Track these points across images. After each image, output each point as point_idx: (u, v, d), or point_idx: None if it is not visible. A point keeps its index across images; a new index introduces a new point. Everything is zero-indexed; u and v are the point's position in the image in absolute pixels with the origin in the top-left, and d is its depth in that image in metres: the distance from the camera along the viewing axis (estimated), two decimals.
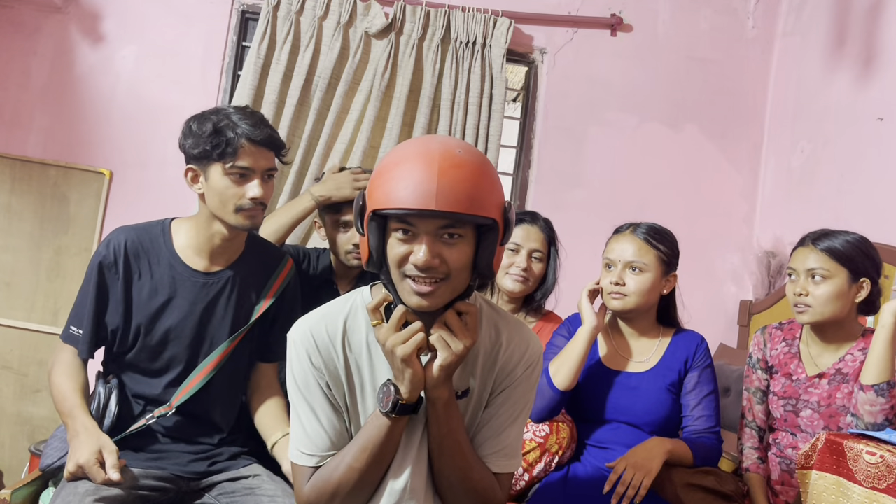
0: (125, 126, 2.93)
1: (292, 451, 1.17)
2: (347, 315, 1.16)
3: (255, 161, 1.49)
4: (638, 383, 1.69)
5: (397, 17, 2.92)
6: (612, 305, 1.71)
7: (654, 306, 1.75)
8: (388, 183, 1.03)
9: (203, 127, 1.48)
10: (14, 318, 2.87)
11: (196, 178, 1.53)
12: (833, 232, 1.69)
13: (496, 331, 1.20)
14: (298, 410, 1.16)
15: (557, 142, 3.14)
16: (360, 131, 2.88)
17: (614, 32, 3.16)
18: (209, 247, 1.56)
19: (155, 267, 1.53)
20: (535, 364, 1.21)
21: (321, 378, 1.14)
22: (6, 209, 2.89)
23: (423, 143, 1.07)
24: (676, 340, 1.75)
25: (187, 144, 1.51)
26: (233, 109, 1.52)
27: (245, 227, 1.52)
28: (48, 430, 2.83)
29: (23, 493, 1.56)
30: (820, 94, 2.88)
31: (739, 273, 3.18)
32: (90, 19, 2.93)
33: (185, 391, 1.53)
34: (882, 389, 1.51)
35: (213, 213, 1.52)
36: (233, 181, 1.48)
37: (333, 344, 1.14)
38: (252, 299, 1.60)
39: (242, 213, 1.50)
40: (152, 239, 1.56)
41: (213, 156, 1.47)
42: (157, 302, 1.53)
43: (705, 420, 1.67)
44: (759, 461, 1.78)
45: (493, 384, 1.20)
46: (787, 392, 1.76)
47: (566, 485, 1.59)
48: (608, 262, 1.73)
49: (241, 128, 1.47)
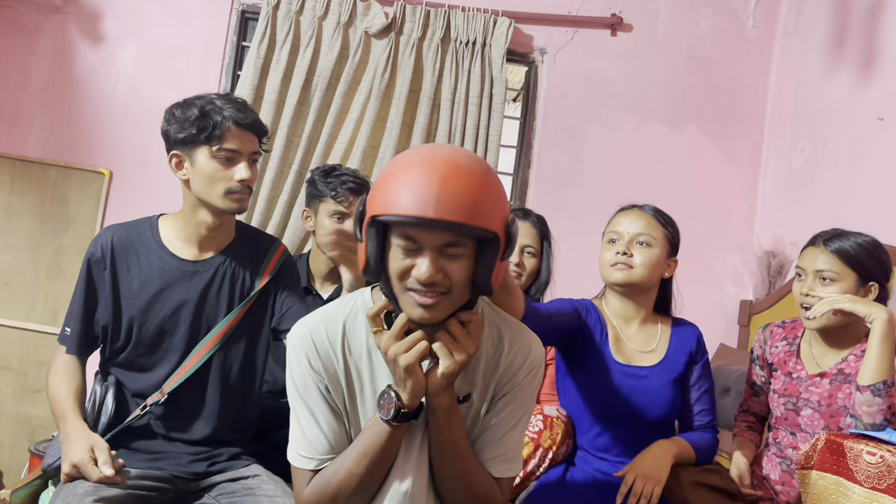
0: (125, 126, 2.93)
1: (291, 454, 1.16)
2: (347, 317, 1.15)
3: (241, 144, 1.49)
4: (649, 379, 1.65)
5: (397, 17, 2.92)
6: (614, 277, 1.64)
7: (654, 288, 1.71)
8: (389, 189, 1.01)
9: (188, 112, 1.47)
10: (14, 318, 2.87)
11: (181, 163, 1.52)
12: (845, 233, 1.67)
13: (498, 334, 1.19)
14: (298, 413, 1.15)
15: (557, 142, 3.14)
16: (360, 131, 2.88)
17: (614, 32, 3.16)
18: (197, 236, 1.55)
19: (143, 259, 1.52)
20: (538, 369, 1.20)
21: (320, 381, 1.13)
22: (6, 209, 2.89)
23: (428, 150, 1.05)
24: (677, 332, 1.72)
25: (171, 130, 1.50)
26: (215, 95, 1.52)
27: (233, 210, 1.52)
28: (48, 430, 2.83)
29: (23, 493, 1.56)
30: (820, 94, 2.88)
31: (739, 273, 3.18)
32: (90, 19, 2.94)
33: (177, 376, 1.50)
34: (878, 390, 1.51)
35: (200, 199, 1.51)
36: (220, 164, 1.48)
37: (333, 347, 1.13)
38: (247, 281, 1.58)
39: (230, 195, 1.49)
40: (140, 233, 1.55)
41: (200, 139, 1.47)
42: (148, 293, 1.51)
43: (705, 414, 1.67)
44: (748, 429, 1.88)
45: (495, 389, 1.19)
46: (787, 390, 1.76)
47: (563, 488, 1.59)
48: (614, 235, 1.66)
49: (226, 111, 1.47)
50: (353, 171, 2.09)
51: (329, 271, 2.13)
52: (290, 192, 2.83)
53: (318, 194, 2.06)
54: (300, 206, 2.83)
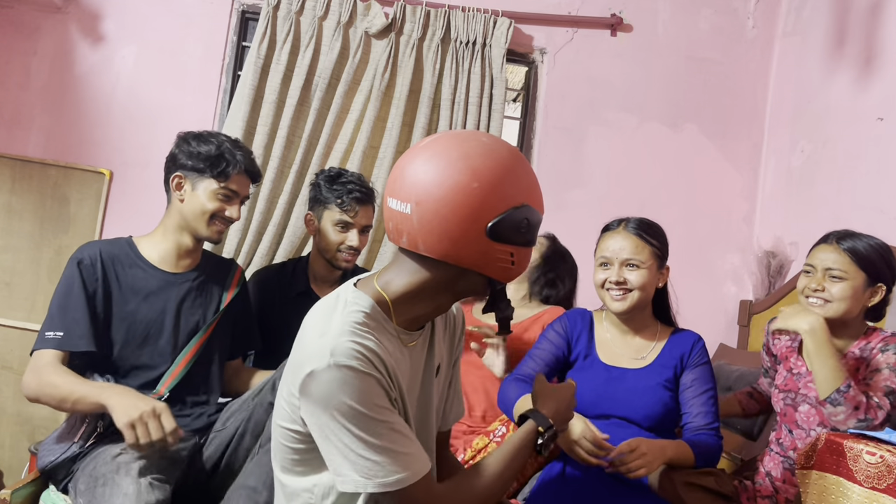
0: (125, 126, 2.93)
1: (395, 485, 1.03)
2: (362, 323, 1.08)
3: (240, 187, 1.73)
4: (634, 379, 1.70)
5: (397, 17, 2.92)
6: (614, 307, 1.72)
7: (650, 301, 1.76)
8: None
9: (203, 147, 1.68)
10: (14, 318, 2.87)
11: (181, 185, 1.70)
12: (857, 234, 1.69)
13: None
14: (383, 440, 1.02)
15: (557, 142, 3.14)
16: (360, 131, 2.88)
17: (614, 32, 3.16)
18: (175, 253, 1.73)
19: (128, 270, 1.68)
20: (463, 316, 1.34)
21: (390, 391, 1.07)
22: (6, 209, 2.89)
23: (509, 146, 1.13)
24: (673, 340, 1.76)
25: (182, 156, 1.69)
26: (226, 138, 1.73)
27: (212, 240, 1.73)
28: (48, 429, 2.83)
29: (23, 493, 1.56)
30: (820, 94, 2.89)
31: (739, 273, 3.18)
32: (90, 19, 2.94)
33: (172, 377, 1.64)
34: (835, 399, 1.52)
35: (187, 222, 1.70)
36: (218, 200, 1.70)
37: (380, 355, 1.06)
38: (216, 294, 1.78)
39: (214, 226, 1.71)
40: (120, 248, 1.70)
41: (210, 172, 1.67)
42: (136, 299, 1.65)
43: (703, 416, 1.66)
44: (746, 394, 2.03)
45: (454, 353, 1.30)
46: (787, 385, 1.77)
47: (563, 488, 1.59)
48: (604, 259, 1.73)
49: (238, 156, 1.70)
50: (360, 178, 2.10)
51: (328, 274, 2.14)
52: (290, 192, 2.83)
53: (323, 200, 2.06)
54: (300, 207, 2.83)
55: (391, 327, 1.11)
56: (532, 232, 1.10)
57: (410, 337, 1.15)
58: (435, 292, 1.12)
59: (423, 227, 1.05)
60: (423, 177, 1.05)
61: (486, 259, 1.07)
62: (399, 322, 1.12)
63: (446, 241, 1.05)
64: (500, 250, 1.07)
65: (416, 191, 1.05)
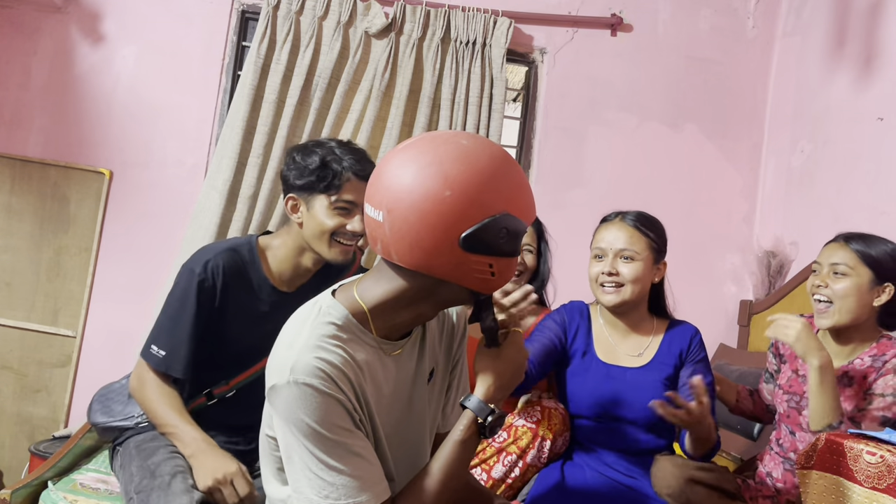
0: (125, 126, 2.93)
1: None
2: (333, 333, 1.05)
3: (358, 195, 1.52)
4: (633, 378, 1.67)
5: (397, 17, 2.92)
6: (606, 300, 1.68)
7: (646, 296, 1.73)
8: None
9: (308, 159, 1.52)
10: (14, 318, 2.87)
11: (296, 207, 1.57)
12: (869, 235, 1.67)
13: None
14: (338, 462, 1.00)
15: (557, 142, 3.14)
16: (360, 131, 2.88)
17: (614, 32, 3.17)
18: (294, 273, 1.61)
19: (244, 294, 1.56)
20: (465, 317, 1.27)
21: (354, 412, 1.03)
22: (6, 209, 2.89)
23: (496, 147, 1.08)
24: (671, 334, 1.73)
25: (291, 175, 1.55)
26: (335, 143, 1.57)
27: (337, 261, 1.57)
28: (48, 429, 2.84)
29: (23, 493, 1.56)
30: (820, 94, 2.89)
31: (739, 273, 3.18)
32: (90, 19, 2.93)
33: (247, 374, 1.57)
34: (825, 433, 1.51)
35: (308, 243, 1.56)
36: (336, 214, 1.52)
37: (345, 370, 1.03)
38: None
39: (338, 247, 1.54)
40: (242, 261, 1.57)
41: (319, 188, 1.52)
42: (246, 322, 1.55)
43: None
44: (747, 392, 1.96)
45: (449, 357, 1.24)
46: (791, 387, 1.76)
47: (563, 488, 1.59)
48: (598, 251, 1.71)
49: (346, 161, 1.52)
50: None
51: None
52: None
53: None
54: None
55: (369, 338, 1.07)
56: (514, 242, 1.04)
57: (393, 346, 1.11)
58: (413, 301, 1.06)
59: (394, 236, 1.00)
60: (395, 183, 0.99)
61: (462, 270, 1.01)
62: (379, 332, 1.08)
63: (417, 251, 0.99)
64: (477, 261, 1.01)
65: (387, 197, 1.00)
